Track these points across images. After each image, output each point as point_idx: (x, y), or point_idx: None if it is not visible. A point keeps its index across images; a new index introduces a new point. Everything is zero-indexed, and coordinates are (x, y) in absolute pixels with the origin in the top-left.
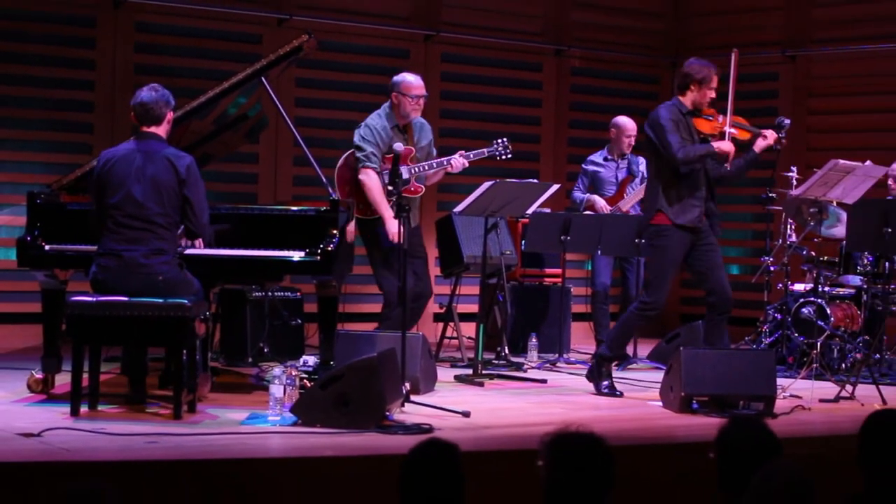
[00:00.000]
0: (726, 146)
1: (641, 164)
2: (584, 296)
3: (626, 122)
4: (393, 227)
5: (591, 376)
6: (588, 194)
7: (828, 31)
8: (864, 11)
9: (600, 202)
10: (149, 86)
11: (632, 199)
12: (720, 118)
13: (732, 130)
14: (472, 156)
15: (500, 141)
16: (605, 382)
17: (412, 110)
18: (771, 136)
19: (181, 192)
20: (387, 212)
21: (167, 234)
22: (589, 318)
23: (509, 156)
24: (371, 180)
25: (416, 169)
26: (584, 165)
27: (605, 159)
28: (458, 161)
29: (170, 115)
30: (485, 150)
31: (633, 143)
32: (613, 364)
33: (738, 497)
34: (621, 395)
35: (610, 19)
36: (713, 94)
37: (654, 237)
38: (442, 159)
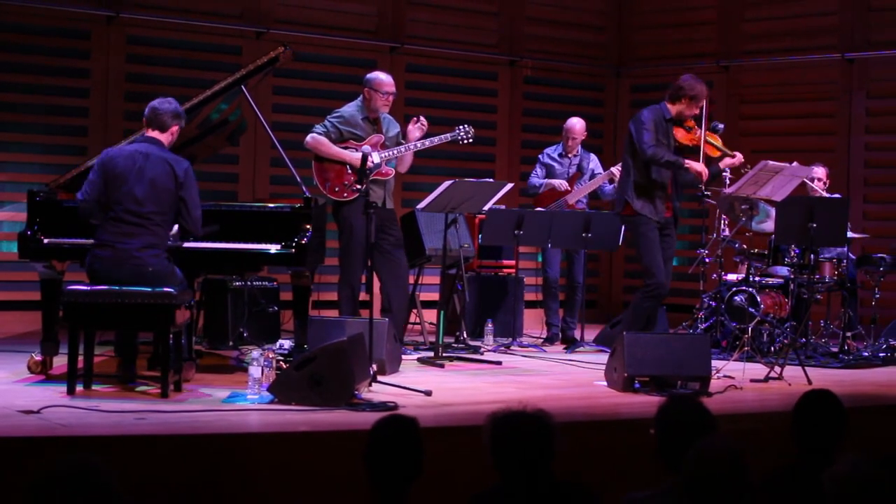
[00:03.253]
0: (698, 166)
1: (591, 162)
2: (535, 285)
3: (572, 125)
4: (358, 160)
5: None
6: (545, 181)
7: (757, 43)
8: (790, 26)
9: (558, 182)
10: (165, 98)
11: (578, 194)
12: (698, 132)
13: (709, 143)
14: (434, 140)
15: (461, 127)
16: None
17: (382, 105)
18: (738, 158)
19: (177, 194)
20: (346, 154)
21: (160, 231)
22: (540, 306)
23: (471, 140)
24: (316, 140)
25: (387, 153)
26: (541, 157)
27: (560, 156)
28: (416, 135)
29: (175, 128)
30: (448, 134)
31: (576, 145)
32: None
33: (676, 469)
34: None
35: (559, 33)
36: (697, 112)
37: (632, 227)
38: (409, 143)
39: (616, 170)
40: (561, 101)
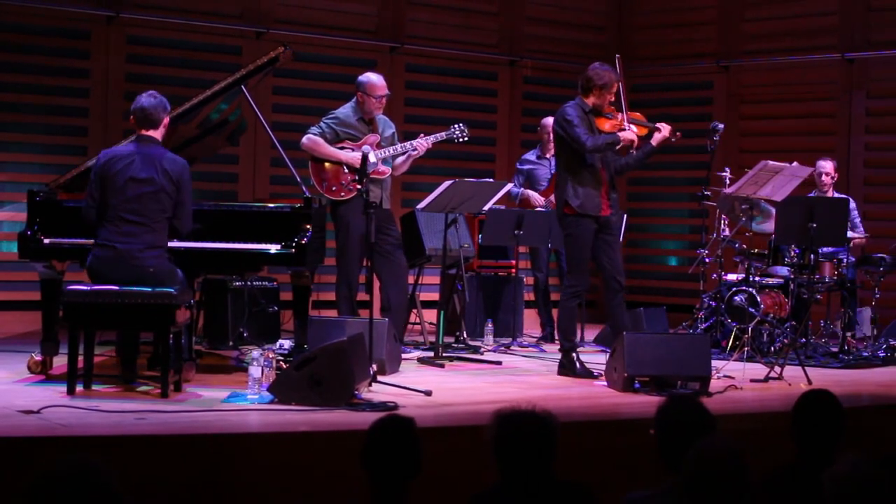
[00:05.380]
0: (629, 135)
1: None
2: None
3: (546, 121)
4: (355, 160)
5: (563, 370)
6: (522, 189)
7: (757, 43)
8: (790, 26)
9: (534, 196)
10: (147, 93)
11: None
12: (619, 116)
13: (632, 127)
14: (432, 138)
15: (456, 126)
16: (578, 368)
17: (375, 108)
18: (665, 128)
19: (174, 192)
20: (343, 154)
21: (160, 228)
22: (536, 306)
23: (466, 139)
24: (312, 141)
25: (383, 153)
26: (518, 165)
27: (538, 157)
28: (422, 143)
29: (166, 120)
30: (443, 133)
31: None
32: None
33: (676, 469)
34: (599, 375)
35: (558, 33)
36: (612, 98)
37: (567, 227)
38: (406, 143)
39: None
40: (561, 102)
